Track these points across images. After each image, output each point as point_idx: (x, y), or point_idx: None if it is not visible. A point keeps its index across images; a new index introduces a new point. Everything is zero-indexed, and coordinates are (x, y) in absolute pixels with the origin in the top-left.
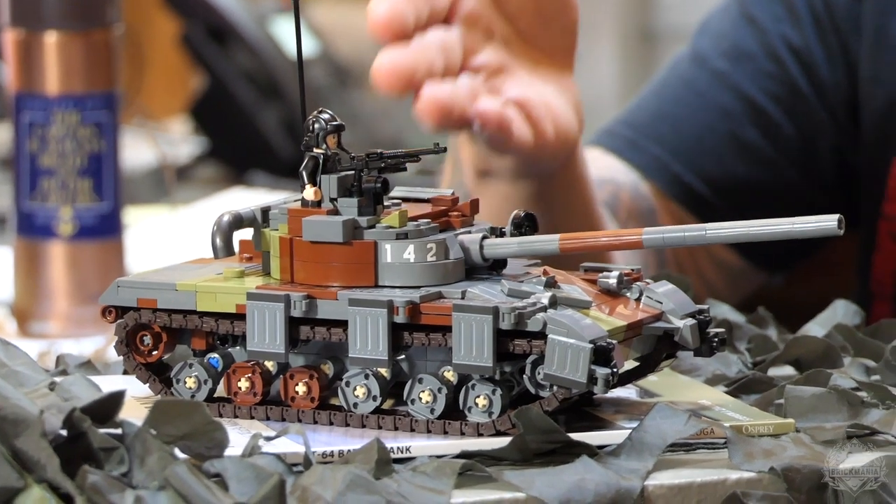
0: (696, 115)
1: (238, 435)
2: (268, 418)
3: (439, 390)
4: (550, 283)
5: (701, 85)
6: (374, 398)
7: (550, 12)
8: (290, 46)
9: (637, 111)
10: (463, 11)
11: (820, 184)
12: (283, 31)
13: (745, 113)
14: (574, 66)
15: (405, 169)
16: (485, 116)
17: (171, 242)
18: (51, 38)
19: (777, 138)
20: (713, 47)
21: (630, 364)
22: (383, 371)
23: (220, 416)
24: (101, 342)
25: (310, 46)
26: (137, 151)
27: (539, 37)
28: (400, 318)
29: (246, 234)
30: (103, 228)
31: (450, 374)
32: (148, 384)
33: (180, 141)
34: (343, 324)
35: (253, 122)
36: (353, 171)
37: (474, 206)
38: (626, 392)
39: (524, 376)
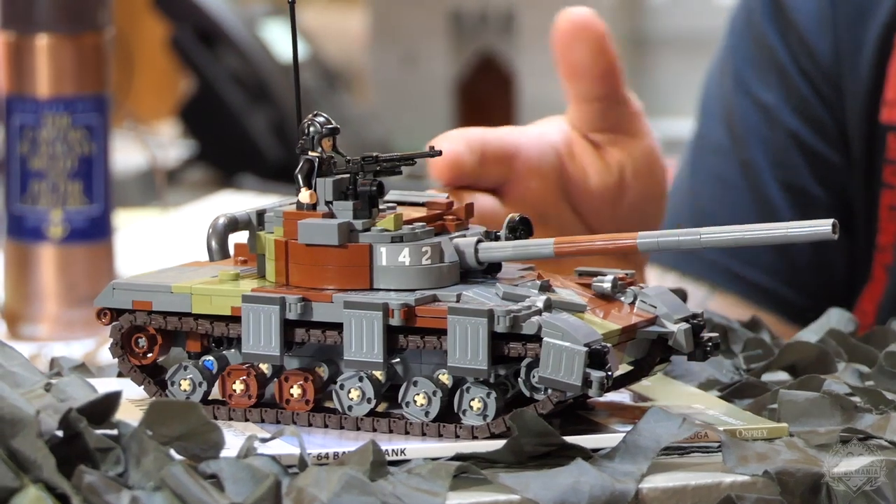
0: (735, 210)
1: (233, 437)
2: (262, 421)
3: (434, 393)
4: (545, 287)
5: (731, 177)
6: (369, 401)
7: (630, 220)
8: (279, 50)
9: (675, 217)
10: (518, 192)
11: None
12: (272, 34)
13: (779, 192)
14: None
15: (400, 172)
16: None
17: (160, 245)
18: (42, 41)
19: (814, 206)
20: (727, 133)
21: (624, 368)
22: (378, 374)
23: (215, 418)
24: (90, 345)
25: (299, 50)
26: (127, 154)
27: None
28: (395, 320)
29: (241, 236)
30: (93, 231)
31: (444, 377)
32: (143, 386)
33: (170, 144)
34: (338, 326)
35: (242, 125)
36: (348, 175)
37: (469, 209)
38: (620, 396)
39: (519, 379)
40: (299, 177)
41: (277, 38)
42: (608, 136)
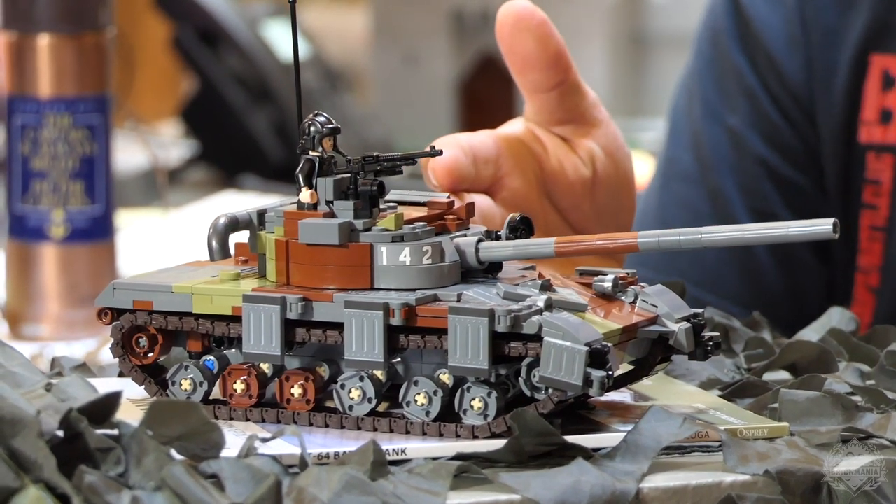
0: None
1: (234, 437)
2: (263, 420)
3: (434, 393)
4: (546, 286)
5: (700, 206)
6: (370, 400)
7: (606, 211)
8: (280, 49)
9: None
10: (504, 192)
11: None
12: (273, 34)
13: (749, 219)
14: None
15: (401, 172)
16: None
17: (162, 245)
18: (43, 41)
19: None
20: (695, 160)
21: (625, 367)
22: (378, 373)
23: (216, 418)
24: (92, 345)
25: (301, 50)
26: (129, 154)
27: (590, 230)
28: (395, 320)
29: (242, 236)
30: (95, 231)
31: (445, 377)
32: (143, 386)
33: (171, 144)
34: (339, 326)
35: (244, 125)
36: (349, 174)
37: (470, 209)
38: (621, 395)
39: (519, 379)
40: (300, 176)
41: (279, 38)
42: (571, 127)
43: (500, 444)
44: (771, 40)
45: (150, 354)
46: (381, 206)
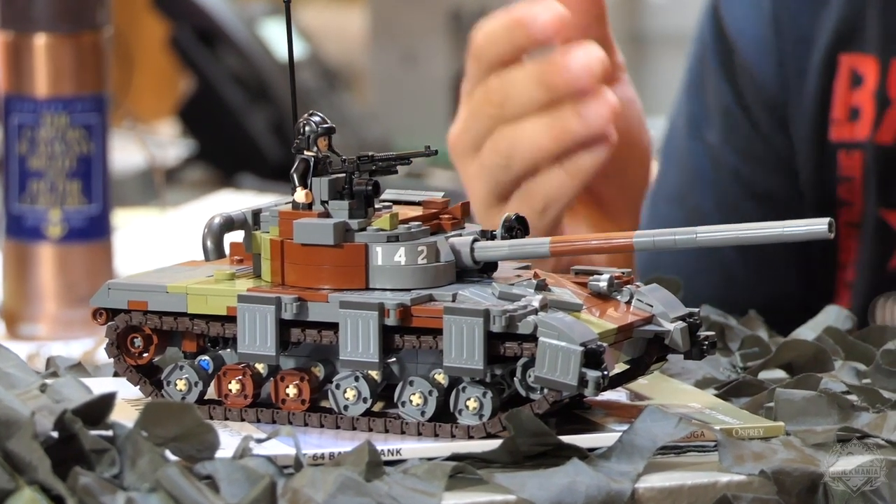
0: (686, 252)
1: (229, 437)
2: (258, 421)
3: (430, 393)
4: (541, 286)
5: (680, 225)
6: (365, 400)
7: (612, 160)
8: (278, 49)
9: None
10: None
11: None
12: (271, 33)
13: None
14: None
15: (396, 172)
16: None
17: (159, 245)
18: (40, 41)
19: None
20: (679, 178)
21: (620, 367)
22: (374, 373)
23: (211, 418)
24: (89, 344)
25: (298, 49)
26: (126, 154)
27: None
28: (391, 320)
29: (237, 236)
30: (92, 231)
31: (440, 377)
32: (138, 386)
33: (169, 143)
34: (334, 326)
35: (241, 124)
36: (344, 174)
37: (465, 208)
38: (617, 395)
39: (515, 379)
40: (295, 176)
41: (277, 38)
42: None
43: (495, 444)
44: (746, 47)
45: (145, 354)
46: (377, 206)
